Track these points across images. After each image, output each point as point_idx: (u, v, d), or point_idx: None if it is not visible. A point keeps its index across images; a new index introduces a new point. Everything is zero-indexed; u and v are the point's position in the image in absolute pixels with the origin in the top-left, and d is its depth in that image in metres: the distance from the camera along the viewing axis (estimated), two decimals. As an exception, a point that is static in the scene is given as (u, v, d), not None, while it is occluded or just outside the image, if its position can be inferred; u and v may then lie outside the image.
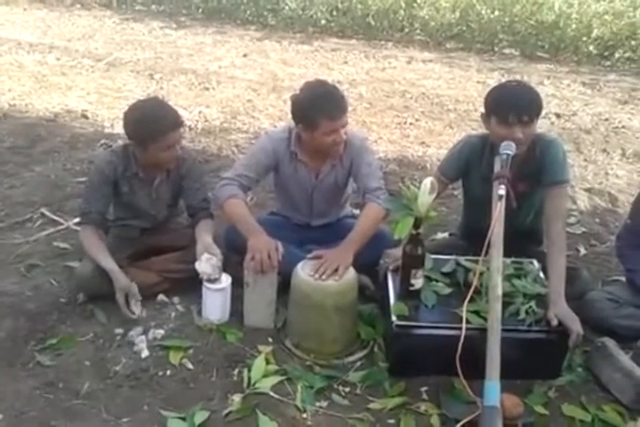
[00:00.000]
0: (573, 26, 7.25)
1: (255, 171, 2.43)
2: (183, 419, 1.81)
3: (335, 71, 6.48)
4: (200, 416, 1.81)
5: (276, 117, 4.85)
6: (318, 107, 2.25)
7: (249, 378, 1.97)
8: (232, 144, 4.20)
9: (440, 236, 2.94)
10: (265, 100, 5.26)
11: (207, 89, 5.61)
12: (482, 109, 2.30)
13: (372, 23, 8.20)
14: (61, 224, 3.00)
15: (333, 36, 8.32)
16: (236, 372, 2.02)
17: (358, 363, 2.11)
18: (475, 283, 2.02)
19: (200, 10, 9.47)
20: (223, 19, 9.23)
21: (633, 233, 2.39)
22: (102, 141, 4.12)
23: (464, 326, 1.92)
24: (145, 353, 2.09)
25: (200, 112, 4.87)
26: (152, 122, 2.22)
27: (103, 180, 2.38)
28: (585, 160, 4.11)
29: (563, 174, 2.26)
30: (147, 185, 2.45)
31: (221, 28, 8.67)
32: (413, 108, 5.24)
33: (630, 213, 2.45)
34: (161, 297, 2.38)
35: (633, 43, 7.08)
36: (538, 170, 2.29)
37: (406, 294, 2.13)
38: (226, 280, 2.26)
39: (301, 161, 2.46)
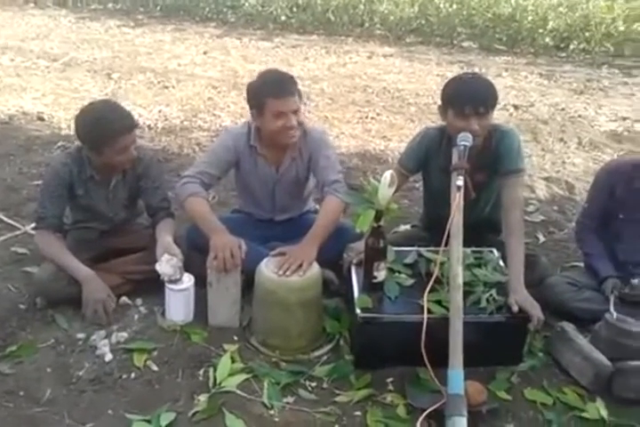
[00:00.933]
0: (530, 18, 7.39)
1: (216, 167, 2.41)
2: (149, 421, 1.79)
3: (296, 67, 6.48)
4: (166, 418, 1.79)
5: (237, 115, 4.82)
6: (264, 88, 2.29)
7: (215, 377, 1.95)
8: (193, 142, 4.16)
9: (402, 228, 2.97)
10: (226, 98, 5.23)
11: (167, 87, 5.55)
12: (439, 102, 2.32)
13: (333, 19, 8.23)
14: (19, 229, 2.93)
15: (294, 33, 8.31)
16: (201, 372, 2.00)
17: (324, 357, 2.12)
18: (436, 273, 2.05)
19: (158, 7, 9.36)
20: (182, 16, 9.14)
21: (589, 217, 2.45)
22: (60, 144, 4.04)
23: (425, 316, 1.94)
24: (108, 357, 2.06)
25: (160, 111, 4.82)
26: (104, 126, 2.18)
27: (58, 183, 2.33)
28: (542, 150, 4.19)
29: (518, 164, 2.30)
30: (103, 187, 2.41)
31: (180, 26, 8.58)
32: (375, 103, 5.27)
33: (587, 198, 2.51)
34: (123, 299, 2.35)
35: (587, 34, 7.26)
36: (494, 160, 2.32)
37: (370, 286, 2.14)
38: (188, 280, 2.24)
39: (261, 155, 2.45)
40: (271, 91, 2.27)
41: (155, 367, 2.02)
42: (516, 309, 2.01)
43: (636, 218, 2.29)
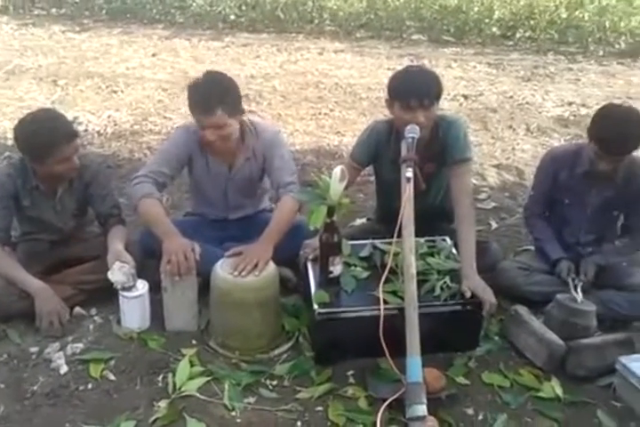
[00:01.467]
0: (476, 8, 7.48)
1: (169, 166, 2.38)
2: (108, 432, 1.77)
3: (248, 66, 6.43)
4: (125, 426, 1.77)
5: (189, 116, 4.70)
6: (191, 102, 2.28)
7: (174, 383, 1.94)
8: (144, 147, 4.10)
9: (358, 222, 2.99)
10: (177, 100, 5.15)
11: (115, 92, 5.44)
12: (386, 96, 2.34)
13: (282, 16, 8.18)
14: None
15: (244, 31, 8.24)
16: (160, 378, 1.98)
17: (284, 355, 2.12)
18: (389, 264, 2.07)
19: (104, 11, 9.15)
20: (129, 19, 8.96)
21: (536, 204, 2.51)
22: (6, 154, 3.90)
23: (382, 307, 1.96)
24: (64, 369, 2.02)
25: (109, 116, 4.72)
26: (43, 136, 2.13)
27: (3, 195, 2.28)
28: (492, 138, 4.26)
29: (465, 153, 2.34)
30: (49, 197, 2.36)
31: (127, 29, 8.42)
32: (327, 99, 5.28)
33: (532, 185, 2.56)
34: (77, 310, 2.31)
35: (532, 22, 7.38)
36: (442, 150, 2.36)
37: (326, 281, 2.15)
38: (142, 287, 2.21)
39: (213, 153, 2.43)
40: (191, 104, 2.28)
41: (112, 377, 1.99)
42: (469, 295, 2.05)
43: (580, 202, 2.35)
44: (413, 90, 2.20)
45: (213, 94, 2.21)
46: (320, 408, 1.87)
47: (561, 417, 1.86)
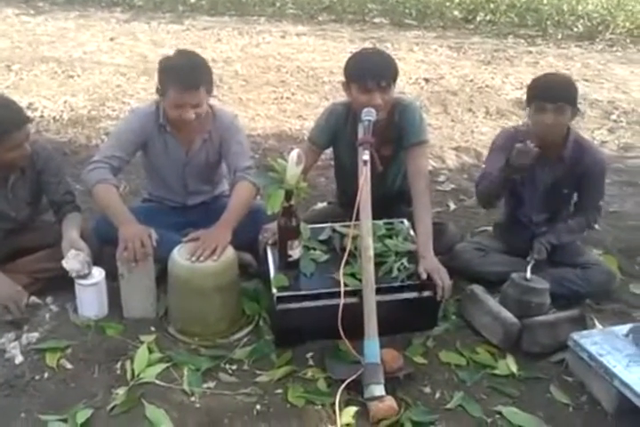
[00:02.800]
0: (437, -8, 7.51)
1: (124, 150, 2.34)
2: (65, 420, 1.75)
3: (208, 50, 6.34)
4: (82, 415, 1.75)
5: (147, 101, 4.67)
6: (170, 75, 2.22)
7: (132, 370, 1.92)
8: (101, 133, 4.02)
9: (320, 205, 2.99)
10: (135, 84, 5.07)
11: (72, 77, 5.31)
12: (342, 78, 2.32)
13: (243, -1, 8.08)
14: None
15: (205, 14, 8.12)
16: (118, 366, 1.96)
17: (244, 339, 2.12)
18: (348, 247, 2.08)
19: (59, -7, 8.89)
20: (86, 2, 8.73)
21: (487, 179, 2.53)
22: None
23: (342, 289, 1.97)
24: (19, 359, 1.98)
25: (65, 102, 4.61)
26: None
27: (-48, 184, 2.21)
28: (452, 120, 4.31)
29: (421, 136, 2.35)
30: (1, 186, 2.30)
31: (84, 12, 8.21)
32: (289, 83, 5.24)
33: (485, 161, 2.59)
34: (33, 299, 2.26)
35: (492, 6, 7.45)
36: (399, 133, 2.37)
37: (285, 265, 2.15)
38: (98, 274, 2.18)
39: (171, 134, 2.39)
40: (174, 82, 2.20)
41: (69, 365, 1.96)
42: (424, 276, 2.07)
43: (532, 181, 2.39)
44: (370, 71, 2.20)
45: (197, 71, 2.23)
46: (279, 391, 1.88)
47: (515, 393, 1.91)
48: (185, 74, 2.20)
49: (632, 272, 2.58)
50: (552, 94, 2.19)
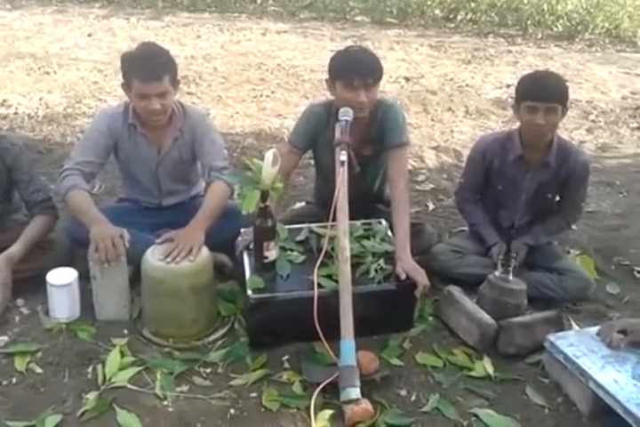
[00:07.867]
0: (418, -10, 7.50)
1: (95, 154, 2.31)
2: (33, 427, 1.71)
3: (188, 46, 6.28)
4: (51, 421, 1.71)
5: (125, 98, 4.60)
6: (132, 67, 2.20)
7: (104, 374, 1.88)
8: (77, 130, 3.94)
9: (298, 205, 2.96)
10: (112, 81, 4.98)
11: (48, 73, 5.22)
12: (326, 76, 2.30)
13: (224, -5, 8.01)
14: None
15: (184, 11, 8.03)
16: (90, 370, 1.92)
17: (219, 342, 2.09)
18: (325, 248, 2.07)
19: (36, -12, 8.73)
20: (63, -4, 8.59)
21: (468, 191, 2.53)
22: None
23: (316, 291, 1.95)
24: (-14, 364, 1.94)
25: (41, 98, 4.53)
26: None
27: None
28: (432, 120, 4.30)
29: (402, 137, 2.34)
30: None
31: (62, 7, 8.07)
32: (269, 81, 5.20)
33: (463, 173, 2.58)
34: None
35: (473, 5, 7.46)
36: (380, 134, 2.35)
37: (261, 266, 2.13)
38: (70, 276, 2.13)
39: (141, 134, 2.36)
40: (137, 72, 2.17)
41: (39, 370, 1.92)
42: (403, 277, 2.06)
43: (514, 188, 2.38)
44: (356, 69, 2.18)
45: (159, 61, 2.20)
46: (254, 395, 1.85)
47: (491, 395, 1.90)
48: (147, 63, 2.18)
49: (608, 272, 2.59)
50: (543, 94, 2.16)
